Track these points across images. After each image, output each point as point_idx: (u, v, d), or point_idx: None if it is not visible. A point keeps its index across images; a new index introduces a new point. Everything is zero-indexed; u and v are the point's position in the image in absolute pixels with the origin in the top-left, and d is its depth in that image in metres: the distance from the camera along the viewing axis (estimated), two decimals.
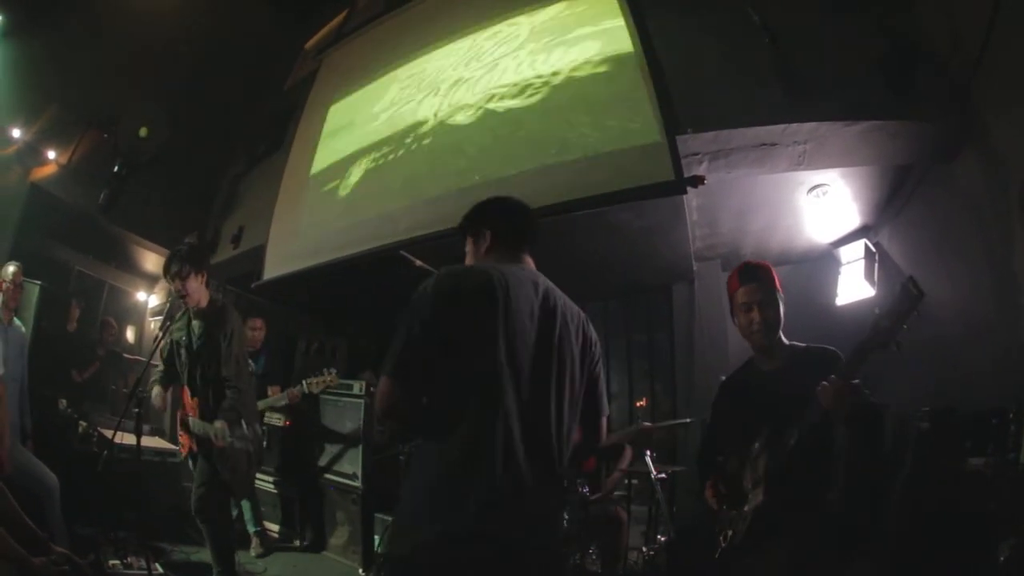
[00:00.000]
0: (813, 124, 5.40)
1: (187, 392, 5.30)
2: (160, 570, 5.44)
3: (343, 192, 8.00)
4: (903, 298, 2.64)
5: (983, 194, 5.06)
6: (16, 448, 5.13)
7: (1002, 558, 3.26)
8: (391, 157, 7.66)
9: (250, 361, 6.25)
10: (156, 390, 5.41)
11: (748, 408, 3.38)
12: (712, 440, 3.79)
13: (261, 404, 6.83)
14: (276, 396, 7.22)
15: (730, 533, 3.24)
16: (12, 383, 5.34)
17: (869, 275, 6.27)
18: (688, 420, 5.76)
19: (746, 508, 3.17)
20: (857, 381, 2.81)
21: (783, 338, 3.42)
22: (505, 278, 2.53)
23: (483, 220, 2.98)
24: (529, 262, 2.87)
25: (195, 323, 5.27)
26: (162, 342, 5.63)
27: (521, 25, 7.18)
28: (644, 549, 5.66)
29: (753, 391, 3.44)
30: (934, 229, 5.79)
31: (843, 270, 6.72)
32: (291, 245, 8.33)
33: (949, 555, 3.66)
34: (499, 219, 2.97)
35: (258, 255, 8.74)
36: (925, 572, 3.81)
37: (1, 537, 2.71)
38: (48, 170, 9.44)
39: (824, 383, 2.83)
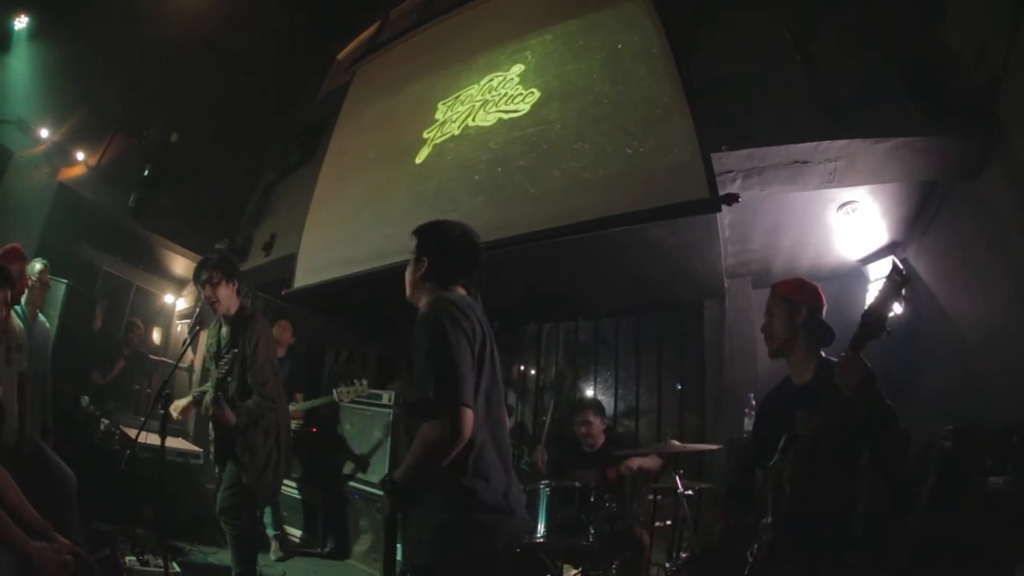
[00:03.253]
0: (844, 141, 5.39)
1: None
2: (177, 569, 5.41)
3: (376, 202, 8.04)
4: (888, 283, 2.76)
5: (1008, 210, 5.01)
6: (35, 443, 5.12)
7: None
8: (424, 167, 7.72)
9: None
10: (183, 402, 5.40)
11: (776, 422, 3.38)
12: (746, 458, 3.81)
13: None
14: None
15: (756, 547, 3.24)
16: (34, 379, 5.34)
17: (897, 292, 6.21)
18: (716, 447, 5.70)
19: (769, 520, 3.17)
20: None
21: (820, 354, 3.43)
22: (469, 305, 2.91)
23: (423, 247, 3.15)
24: (462, 291, 3.08)
25: (224, 330, 5.29)
26: (190, 348, 5.65)
27: (554, 39, 7.19)
28: (667, 565, 5.62)
29: (782, 405, 3.45)
30: (960, 246, 5.74)
31: (871, 287, 6.66)
32: (323, 254, 8.37)
33: (967, 573, 3.64)
34: (436, 252, 3.12)
35: (289, 263, 8.80)
36: None
37: (2, 521, 2.69)
38: (77, 171, 9.59)
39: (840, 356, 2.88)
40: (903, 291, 2.71)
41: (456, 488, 2.64)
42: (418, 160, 7.80)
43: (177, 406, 5.29)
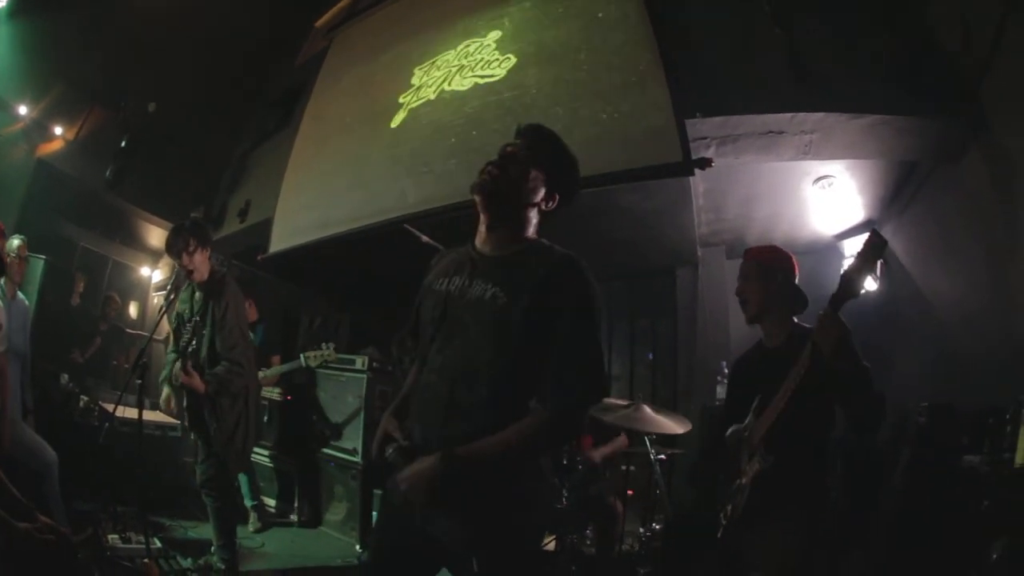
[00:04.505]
0: (820, 115, 5.39)
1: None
2: (158, 545, 5.43)
3: (352, 166, 8.04)
4: (868, 248, 2.70)
5: (989, 195, 5.03)
6: (16, 423, 5.11)
7: (994, 556, 3.26)
8: (400, 131, 7.70)
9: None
10: (165, 392, 5.41)
11: (749, 384, 3.47)
12: (720, 421, 3.85)
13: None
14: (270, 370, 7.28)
15: (729, 508, 3.27)
16: (15, 357, 5.29)
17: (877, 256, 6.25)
18: (685, 429, 5.68)
19: (744, 481, 3.20)
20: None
21: (793, 318, 3.49)
22: None
23: (561, 175, 2.57)
24: None
25: (196, 295, 5.28)
26: (165, 316, 5.65)
27: (532, 6, 7.13)
28: (641, 531, 5.67)
29: (756, 368, 3.54)
30: (938, 228, 5.79)
31: (847, 263, 6.70)
32: (298, 218, 8.36)
33: (941, 551, 3.70)
34: (569, 191, 2.60)
35: (265, 229, 8.78)
36: (917, 567, 3.83)
37: None
38: (55, 146, 9.53)
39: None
40: (882, 256, 2.69)
41: (532, 465, 2.37)
42: (393, 124, 7.79)
43: (166, 398, 5.38)
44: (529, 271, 2.32)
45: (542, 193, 2.48)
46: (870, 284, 2.72)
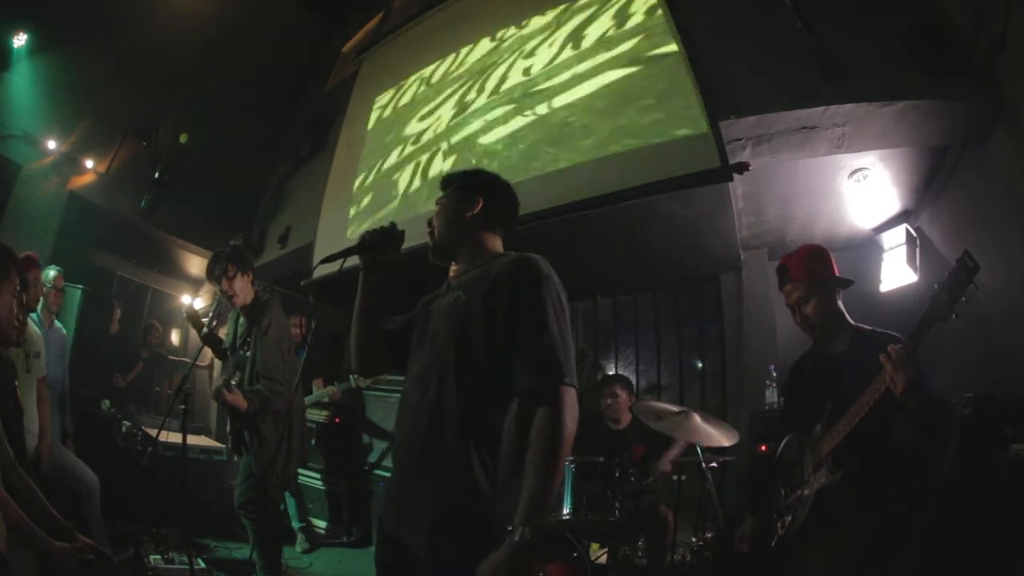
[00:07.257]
0: (850, 106, 5.35)
1: None
2: (202, 565, 5.45)
3: (392, 189, 8.05)
4: (959, 271, 2.59)
5: (1017, 175, 4.92)
6: (56, 447, 5.20)
7: None
8: (438, 152, 7.70)
9: None
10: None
11: (813, 390, 3.33)
12: (784, 422, 3.74)
13: (307, 400, 6.90)
14: (319, 391, 7.30)
15: (788, 519, 3.19)
16: (53, 383, 5.41)
17: (911, 260, 6.19)
18: (730, 458, 5.65)
19: (806, 492, 3.11)
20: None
21: (849, 320, 3.33)
22: None
23: (473, 185, 2.83)
24: None
25: (240, 320, 5.32)
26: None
27: (558, 18, 7.15)
28: (693, 539, 5.59)
29: (819, 373, 3.38)
30: (972, 213, 5.67)
31: (886, 256, 6.62)
32: (339, 242, 8.27)
33: (988, 543, 3.59)
34: (492, 191, 2.83)
35: (306, 254, 8.85)
36: (963, 560, 3.72)
37: (22, 521, 2.68)
38: (86, 179, 9.66)
39: (887, 352, 2.71)
40: (972, 279, 2.58)
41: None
42: (424, 141, 7.87)
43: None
44: (486, 272, 2.48)
45: (468, 211, 2.72)
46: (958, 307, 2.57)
